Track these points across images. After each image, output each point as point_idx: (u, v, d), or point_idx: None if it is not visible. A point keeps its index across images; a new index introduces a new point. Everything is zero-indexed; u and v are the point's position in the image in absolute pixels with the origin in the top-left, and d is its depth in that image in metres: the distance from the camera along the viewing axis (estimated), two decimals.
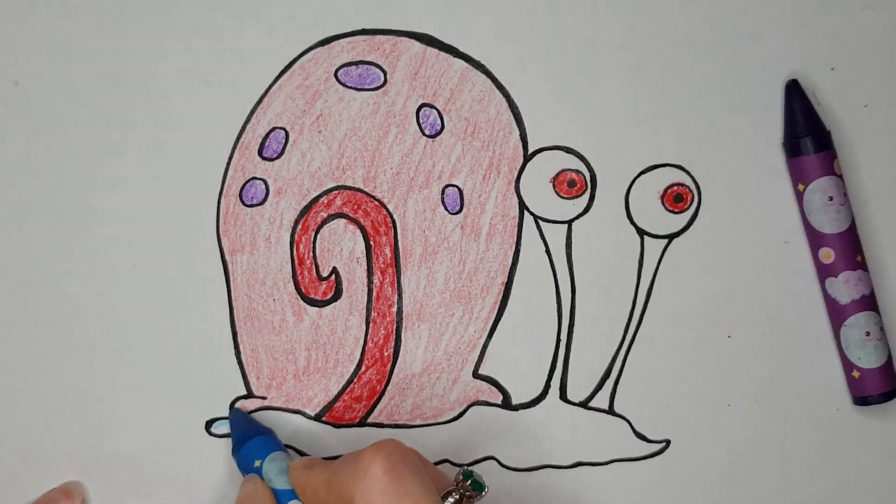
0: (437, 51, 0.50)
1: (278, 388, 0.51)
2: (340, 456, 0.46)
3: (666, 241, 0.51)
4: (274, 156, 0.50)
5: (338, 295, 0.51)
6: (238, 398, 0.51)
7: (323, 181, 0.51)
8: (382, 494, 0.41)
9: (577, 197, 0.51)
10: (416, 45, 0.50)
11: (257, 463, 0.47)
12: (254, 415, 0.51)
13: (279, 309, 0.51)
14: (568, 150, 0.51)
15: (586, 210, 0.51)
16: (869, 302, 0.51)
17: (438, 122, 0.51)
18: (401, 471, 0.41)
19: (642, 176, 0.51)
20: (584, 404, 0.52)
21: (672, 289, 0.51)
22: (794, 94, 0.50)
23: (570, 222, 0.51)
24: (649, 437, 0.52)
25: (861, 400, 0.51)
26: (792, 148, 0.51)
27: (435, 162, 0.51)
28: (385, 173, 0.51)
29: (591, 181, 0.51)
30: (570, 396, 0.52)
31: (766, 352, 0.52)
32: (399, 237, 0.51)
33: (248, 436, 0.49)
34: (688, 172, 0.51)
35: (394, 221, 0.51)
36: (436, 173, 0.51)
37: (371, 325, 0.51)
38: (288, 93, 0.50)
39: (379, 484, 0.41)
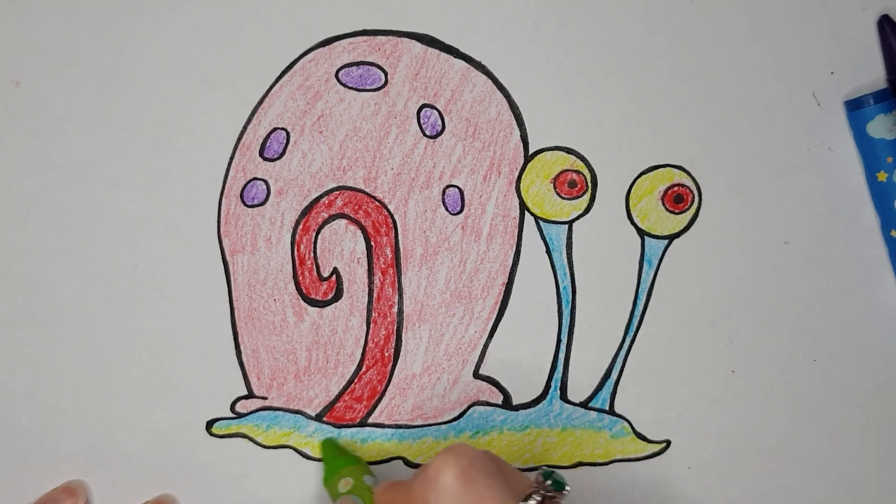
0: (437, 51, 0.50)
1: (279, 388, 0.51)
2: None
3: (666, 241, 0.52)
4: (275, 156, 0.50)
5: (338, 295, 0.51)
6: (239, 398, 0.51)
7: (324, 182, 0.51)
8: (456, 500, 0.40)
9: (578, 197, 0.51)
10: (417, 46, 0.50)
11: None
12: (253, 414, 0.51)
13: (280, 309, 0.51)
14: (568, 151, 0.51)
15: (587, 210, 0.51)
16: None
17: (439, 122, 0.51)
18: (472, 475, 0.41)
19: (642, 176, 0.51)
20: (584, 404, 0.52)
21: (672, 289, 0.52)
22: (888, 28, 0.50)
23: (570, 223, 0.51)
24: (649, 437, 0.52)
25: None
26: None
27: (436, 162, 0.51)
28: (386, 174, 0.51)
29: (591, 181, 0.51)
30: (570, 396, 0.52)
31: (765, 352, 0.52)
32: (400, 238, 0.51)
33: None
34: (688, 173, 0.51)
35: (394, 222, 0.51)
36: (436, 174, 0.51)
37: (372, 325, 0.51)
38: (289, 93, 0.50)
39: (451, 490, 0.40)
